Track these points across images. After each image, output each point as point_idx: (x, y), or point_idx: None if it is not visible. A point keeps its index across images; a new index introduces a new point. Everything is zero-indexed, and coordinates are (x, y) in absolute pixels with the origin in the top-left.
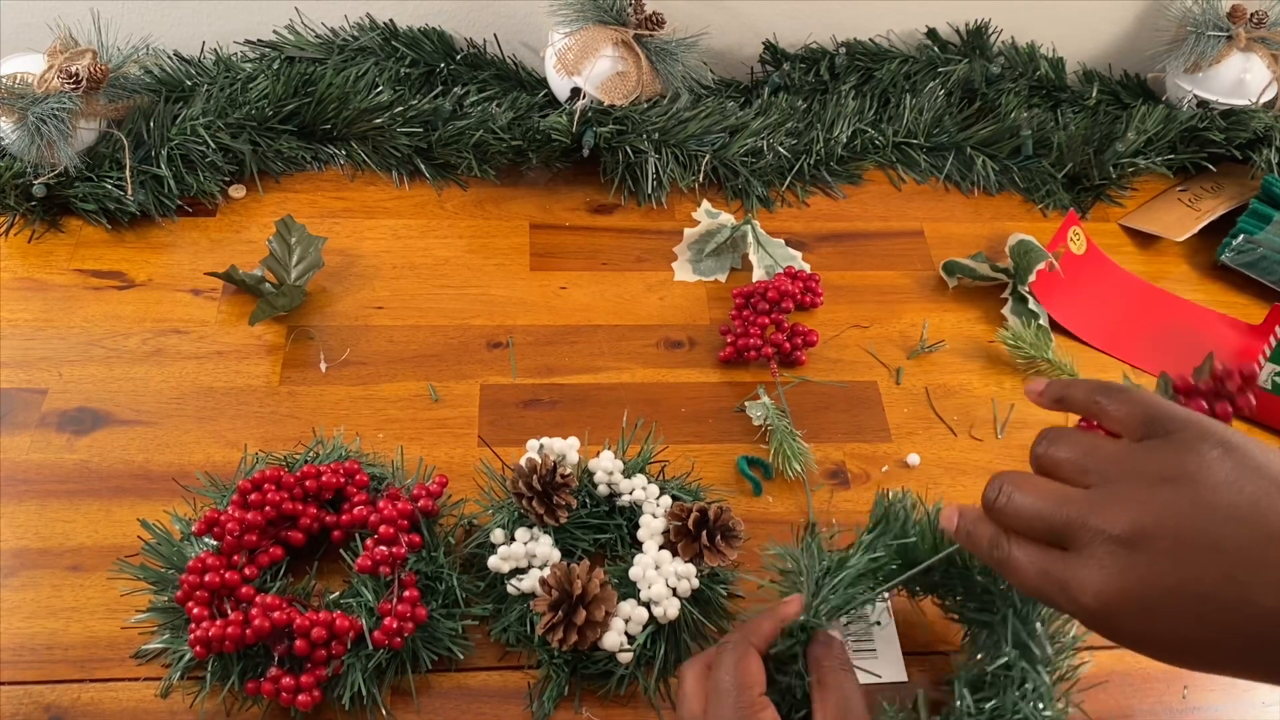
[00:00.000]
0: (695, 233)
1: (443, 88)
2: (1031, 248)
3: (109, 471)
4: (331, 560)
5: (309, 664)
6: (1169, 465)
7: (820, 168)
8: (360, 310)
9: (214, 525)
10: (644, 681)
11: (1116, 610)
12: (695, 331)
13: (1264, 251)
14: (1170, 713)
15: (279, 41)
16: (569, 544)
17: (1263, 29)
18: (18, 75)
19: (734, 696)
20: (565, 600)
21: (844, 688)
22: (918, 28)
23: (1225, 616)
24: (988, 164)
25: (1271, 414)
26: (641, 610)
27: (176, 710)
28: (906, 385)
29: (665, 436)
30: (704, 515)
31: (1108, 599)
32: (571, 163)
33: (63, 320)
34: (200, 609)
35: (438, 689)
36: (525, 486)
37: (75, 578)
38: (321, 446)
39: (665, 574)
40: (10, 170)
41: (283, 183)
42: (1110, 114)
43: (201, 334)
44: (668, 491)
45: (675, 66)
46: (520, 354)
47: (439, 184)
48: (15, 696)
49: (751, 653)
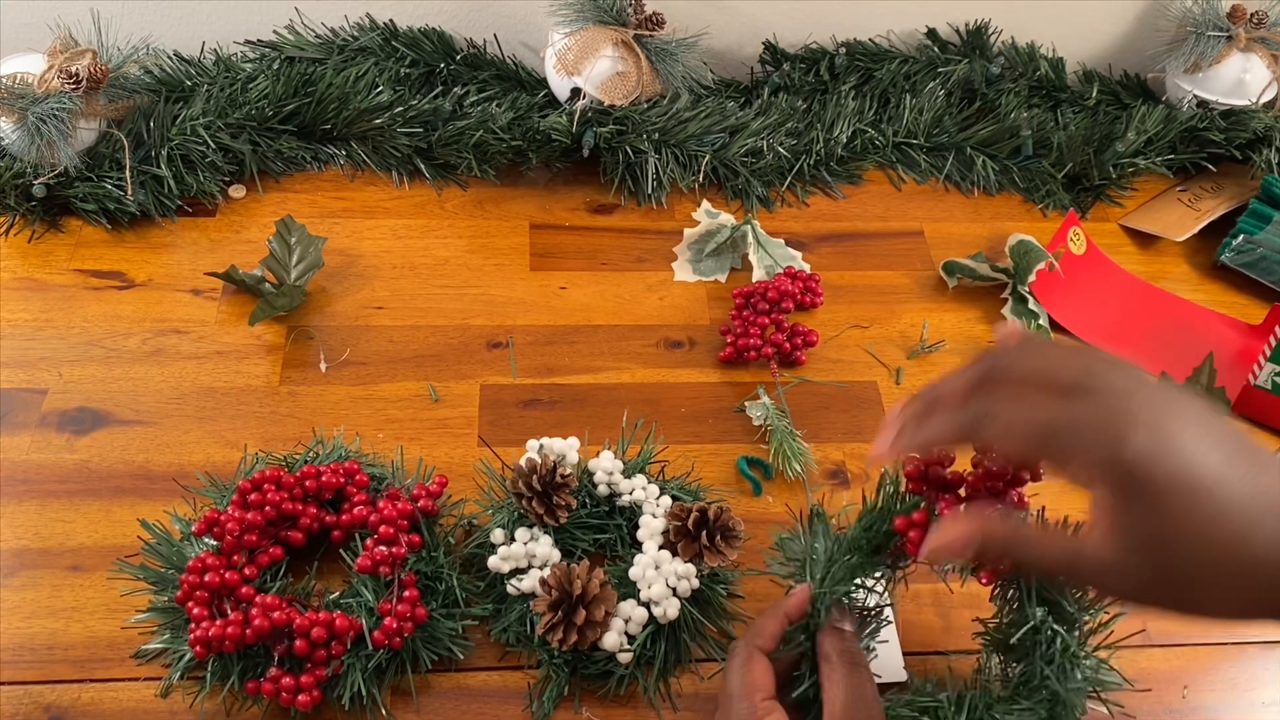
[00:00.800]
0: (695, 233)
1: (443, 88)
2: (1031, 248)
3: (109, 471)
4: (331, 560)
5: (309, 664)
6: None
7: (820, 168)
8: (360, 310)
9: (214, 525)
10: (644, 681)
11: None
12: (695, 331)
13: (1264, 251)
14: (1170, 712)
15: (279, 41)
16: (569, 544)
17: (1263, 29)
18: (18, 75)
19: (743, 702)
20: (565, 600)
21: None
22: (918, 28)
23: None
24: (988, 164)
25: (1272, 414)
26: (641, 610)
27: (176, 710)
28: (906, 385)
29: (665, 436)
30: (704, 515)
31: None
32: (571, 163)
33: (63, 320)
34: (200, 609)
35: (438, 689)
36: (525, 486)
37: (75, 578)
38: (321, 446)
39: (665, 574)
40: (10, 170)
41: (283, 183)
42: (1110, 114)
43: (201, 334)
44: (668, 491)
45: (675, 66)
46: (520, 354)
47: (439, 184)
48: (15, 696)
49: (755, 655)
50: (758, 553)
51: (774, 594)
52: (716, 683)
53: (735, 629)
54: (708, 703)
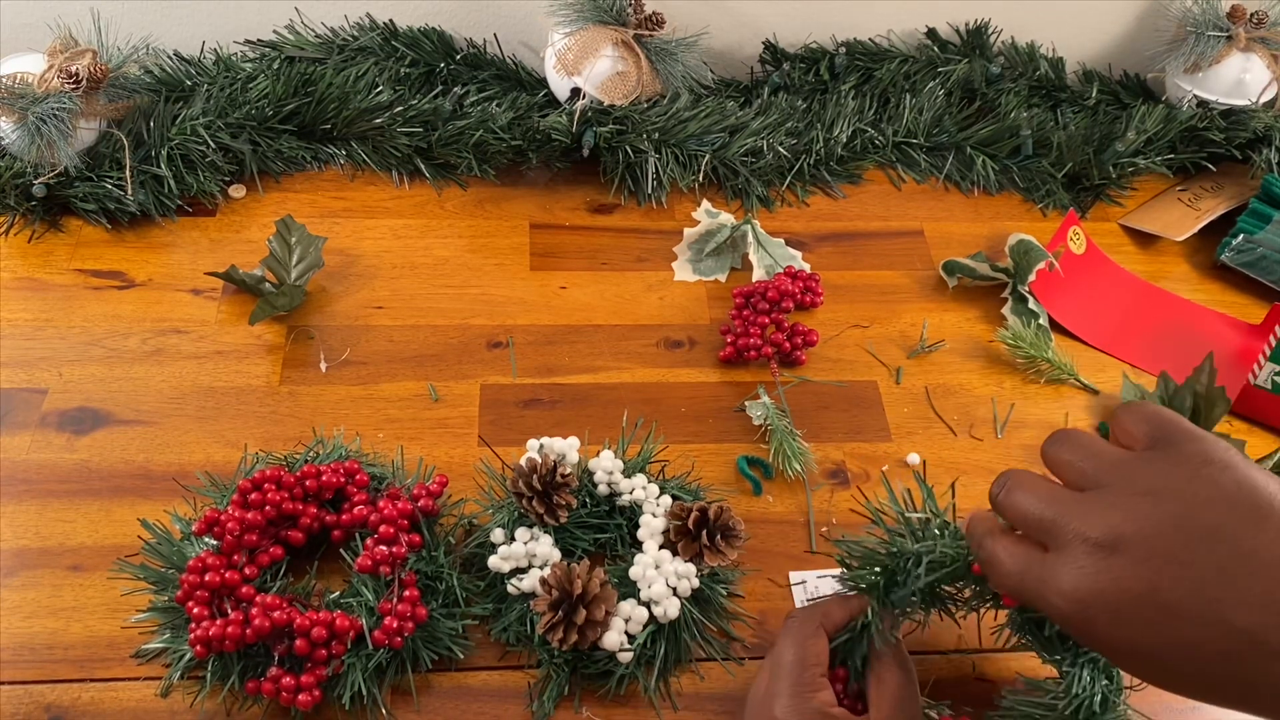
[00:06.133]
0: (695, 232)
1: (443, 88)
2: (1031, 247)
3: (109, 471)
4: (331, 560)
5: (309, 664)
6: (1159, 477)
7: (820, 167)
8: (360, 310)
9: (214, 525)
10: (644, 681)
11: (1088, 613)
12: (695, 331)
13: (1264, 251)
14: (1170, 712)
15: (279, 41)
16: (569, 544)
17: (1263, 29)
18: (18, 75)
19: (795, 673)
20: (565, 600)
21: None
22: (918, 28)
23: (1194, 631)
24: (988, 164)
25: (1271, 414)
26: (642, 610)
27: (177, 710)
28: (906, 385)
29: (665, 436)
30: (704, 515)
31: (1079, 600)
32: (571, 163)
33: (63, 320)
34: (200, 609)
35: (438, 689)
36: (525, 486)
37: (75, 577)
38: (321, 446)
39: (665, 573)
40: (10, 170)
41: (283, 183)
42: (1110, 114)
43: (201, 334)
44: (668, 491)
45: (675, 66)
46: (520, 354)
47: (439, 184)
48: (15, 696)
49: (820, 632)
50: (758, 552)
51: (773, 593)
52: (717, 683)
53: (735, 628)
54: (708, 702)
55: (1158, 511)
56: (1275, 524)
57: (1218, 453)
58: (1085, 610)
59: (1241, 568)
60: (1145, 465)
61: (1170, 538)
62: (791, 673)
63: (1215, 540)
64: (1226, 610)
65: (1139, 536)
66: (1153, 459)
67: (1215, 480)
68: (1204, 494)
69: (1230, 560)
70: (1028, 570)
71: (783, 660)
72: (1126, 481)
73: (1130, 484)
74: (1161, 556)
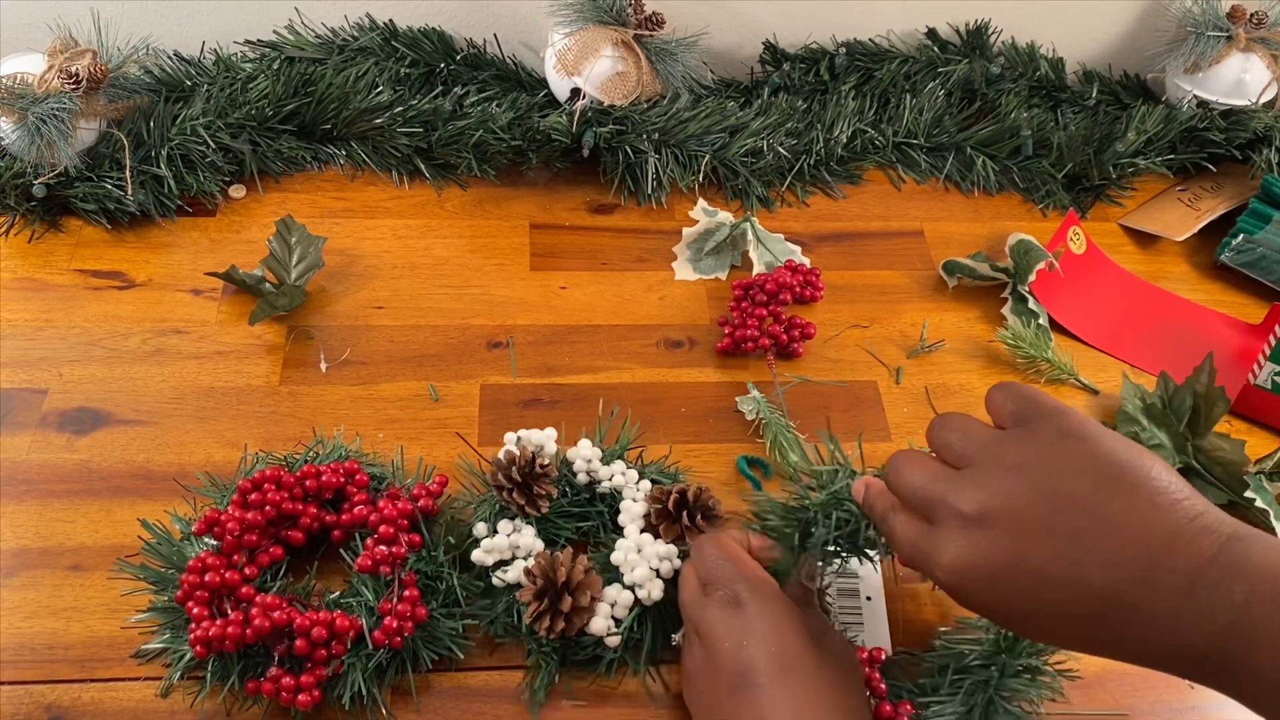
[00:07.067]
0: (694, 231)
1: (443, 88)
2: (1031, 247)
3: (109, 471)
4: (331, 560)
5: (309, 664)
6: (1023, 453)
7: (820, 168)
8: (360, 310)
9: (214, 525)
10: (633, 664)
11: (964, 583)
12: (695, 331)
13: (1264, 251)
14: (1170, 711)
15: (279, 41)
16: (552, 533)
17: (1262, 29)
18: (18, 75)
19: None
20: (551, 588)
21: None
22: (918, 28)
23: (1059, 592)
24: (988, 164)
25: (1271, 413)
26: (626, 594)
27: (177, 710)
28: (906, 385)
29: (665, 436)
30: (684, 496)
31: (957, 570)
32: (571, 163)
33: (63, 320)
34: (200, 609)
35: (438, 688)
36: (505, 479)
37: (75, 578)
38: (321, 446)
39: (647, 556)
40: (10, 170)
41: (283, 183)
42: (1110, 114)
43: (201, 334)
44: (646, 476)
45: (675, 66)
46: (520, 354)
47: (439, 184)
48: (15, 696)
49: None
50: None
51: None
52: None
53: None
54: None
55: (1022, 485)
56: (1126, 490)
57: (1074, 425)
58: (962, 580)
59: (1096, 532)
60: (1012, 442)
61: (1033, 509)
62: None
63: (1073, 508)
64: (1086, 572)
65: (1005, 509)
66: (1019, 436)
67: (1070, 452)
68: (1061, 466)
69: (1087, 526)
70: (916, 544)
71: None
72: (995, 458)
73: (998, 460)
74: (1026, 527)
